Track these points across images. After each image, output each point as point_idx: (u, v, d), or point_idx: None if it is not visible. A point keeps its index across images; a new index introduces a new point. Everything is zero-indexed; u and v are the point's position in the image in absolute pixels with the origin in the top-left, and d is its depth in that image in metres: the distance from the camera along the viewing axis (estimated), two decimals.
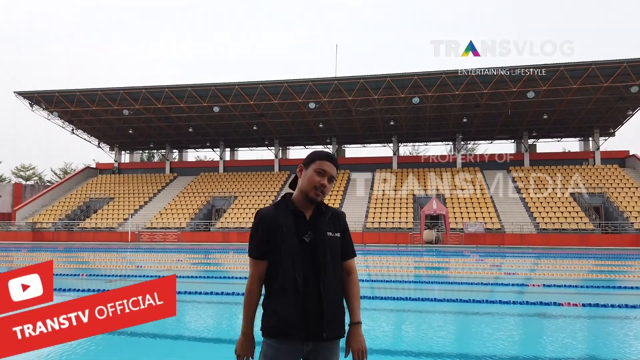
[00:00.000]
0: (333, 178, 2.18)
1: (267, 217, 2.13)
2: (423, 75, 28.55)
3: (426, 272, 14.29)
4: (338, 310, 2.13)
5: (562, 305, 7.28)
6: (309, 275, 2.06)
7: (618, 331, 6.19)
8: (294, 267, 2.06)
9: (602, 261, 17.15)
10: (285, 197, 2.22)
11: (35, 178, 60.71)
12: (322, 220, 2.15)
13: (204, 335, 5.84)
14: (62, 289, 9.26)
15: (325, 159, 2.17)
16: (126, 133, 39.21)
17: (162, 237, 30.48)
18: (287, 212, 2.13)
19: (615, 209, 29.41)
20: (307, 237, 2.10)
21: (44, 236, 32.13)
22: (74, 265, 16.20)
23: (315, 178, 2.13)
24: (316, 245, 2.09)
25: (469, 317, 6.96)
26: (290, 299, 2.04)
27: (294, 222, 2.11)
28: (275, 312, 2.06)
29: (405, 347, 5.19)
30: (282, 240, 2.08)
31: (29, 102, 34.28)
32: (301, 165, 2.23)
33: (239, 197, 35.43)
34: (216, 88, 31.11)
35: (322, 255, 2.09)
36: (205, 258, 19.07)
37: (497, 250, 23.30)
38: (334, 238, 2.15)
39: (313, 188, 2.12)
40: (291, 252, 2.07)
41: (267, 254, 2.11)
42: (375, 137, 39.84)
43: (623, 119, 34.03)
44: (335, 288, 2.13)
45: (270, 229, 2.10)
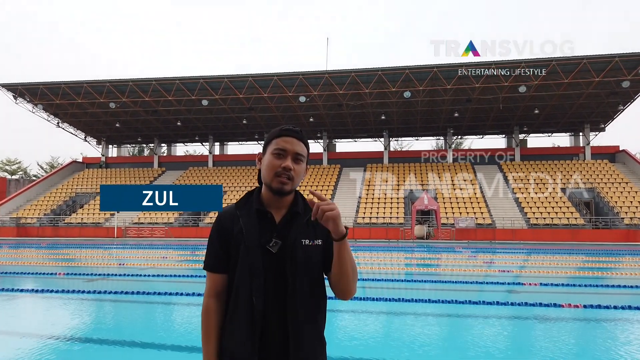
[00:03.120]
0: (300, 155, 1.63)
1: (225, 219, 1.65)
2: (414, 69, 28.26)
3: (418, 270, 14.05)
4: (311, 350, 1.58)
5: (562, 306, 7.04)
6: (270, 298, 1.56)
7: (618, 334, 5.95)
8: (251, 286, 1.55)
9: (595, 257, 17.05)
10: (251, 193, 1.71)
11: (21, 172, 59.64)
12: (296, 224, 1.62)
13: (190, 343, 5.49)
14: (41, 289, 8.85)
15: (284, 134, 1.64)
16: (113, 127, 38.52)
17: (149, 232, 29.99)
18: (250, 213, 1.64)
19: (606, 204, 29.45)
20: (272, 246, 1.57)
21: (28, 232, 31.49)
22: (55, 263, 15.75)
23: (275, 162, 1.60)
24: (283, 257, 1.57)
25: (463, 319, 6.69)
26: (241, 330, 1.55)
27: (258, 226, 1.61)
28: (227, 347, 1.60)
29: (395, 354, 4.88)
30: (239, 250, 1.59)
31: (13, 94, 33.46)
32: (259, 153, 1.72)
33: (228, 191, 34.98)
34: (205, 81, 30.57)
35: (290, 272, 1.56)
36: (192, 255, 18.69)
37: (488, 246, 23.17)
38: (312, 247, 1.60)
39: (274, 176, 1.59)
40: (249, 267, 1.56)
41: (223, 265, 1.63)
42: (366, 131, 39.55)
43: (614, 114, 34.06)
44: (310, 317, 1.59)
45: (227, 234, 1.62)
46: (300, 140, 1.65)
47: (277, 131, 1.67)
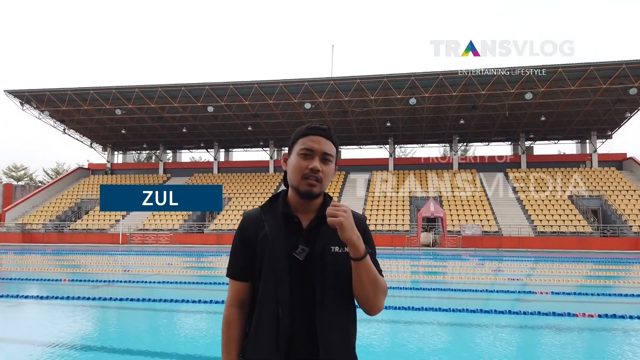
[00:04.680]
0: (328, 155, 1.53)
1: (249, 223, 1.56)
2: (420, 75, 28.21)
3: (425, 277, 13.88)
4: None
5: (576, 316, 6.88)
6: (297, 309, 1.46)
7: (636, 344, 5.79)
8: (276, 296, 1.45)
9: (604, 265, 16.81)
10: (277, 196, 1.62)
11: (27, 178, 59.91)
12: (324, 229, 1.50)
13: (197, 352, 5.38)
14: (46, 296, 8.78)
15: (311, 133, 1.54)
16: (119, 133, 38.65)
17: (154, 239, 29.94)
18: (276, 217, 1.54)
19: (614, 212, 29.14)
20: (298, 252, 1.47)
21: (33, 238, 31.50)
22: (61, 269, 15.69)
23: (302, 163, 1.51)
24: (311, 265, 1.47)
25: (473, 328, 6.55)
26: (265, 342, 1.45)
27: (285, 231, 1.51)
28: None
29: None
30: (263, 257, 1.49)
31: (20, 101, 33.66)
32: (285, 154, 1.63)
33: (233, 198, 34.94)
34: (210, 88, 30.63)
35: (318, 280, 1.46)
36: (197, 261, 18.60)
37: (495, 254, 22.94)
38: (341, 254, 1.50)
39: (302, 178, 1.50)
40: (274, 275, 1.46)
41: (247, 273, 1.54)
42: (371, 138, 39.47)
43: (621, 121, 33.82)
44: (340, 328, 1.49)
45: (251, 240, 1.53)
46: (328, 138, 1.55)
47: (304, 130, 1.57)
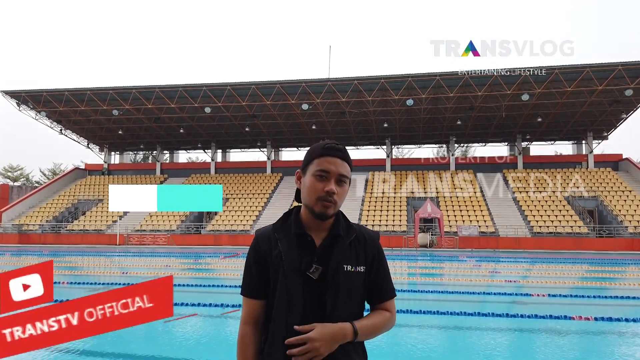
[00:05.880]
0: (344, 177, 1.56)
1: (262, 242, 1.57)
2: (417, 76, 28.27)
3: (422, 279, 13.92)
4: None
5: (572, 319, 6.91)
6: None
7: (634, 347, 5.83)
8: (289, 316, 1.47)
9: (600, 267, 16.89)
10: (289, 213, 1.63)
11: (23, 179, 59.68)
12: (337, 248, 1.53)
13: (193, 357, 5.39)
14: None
15: (326, 154, 1.55)
16: (116, 134, 38.59)
17: (151, 240, 29.89)
18: (289, 236, 1.56)
19: (610, 212, 29.28)
20: (312, 272, 1.49)
21: (30, 238, 31.42)
22: (58, 271, 15.65)
23: (317, 185, 1.52)
24: (324, 284, 1.49)
25: (470, 331, 6.58)
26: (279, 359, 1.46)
27: (298, 251, 1.53)
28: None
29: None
30: (277, 276, 1.51)
31: (16, 101, 33.55)
32: (298, 171, 1.64)
33: (230, 199, 34.92)
34: (208, 88, 30.61)
35: (329, 299, 1.47)
36: (195, 263, 18.59)
37: (492, 255, 23.00)
38: (354, 273, 1.52)
39: (317, 200, 1.51)
40: (288, 294, 1.48)
41: (261, 291, 1.55)
42: (368, 139, 39.52)
43: (617, 122, 33.98)
44: (351, 351, 1.50)
45: (265, 258, 1.54)
46: (344, 160, 1.58)
47: (320, 149, 1.57)
